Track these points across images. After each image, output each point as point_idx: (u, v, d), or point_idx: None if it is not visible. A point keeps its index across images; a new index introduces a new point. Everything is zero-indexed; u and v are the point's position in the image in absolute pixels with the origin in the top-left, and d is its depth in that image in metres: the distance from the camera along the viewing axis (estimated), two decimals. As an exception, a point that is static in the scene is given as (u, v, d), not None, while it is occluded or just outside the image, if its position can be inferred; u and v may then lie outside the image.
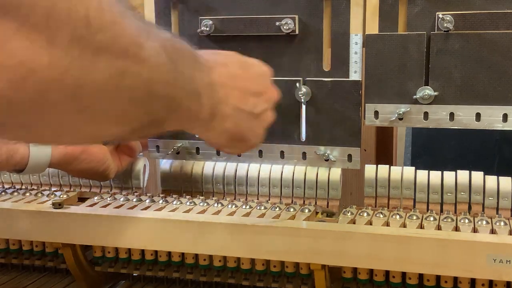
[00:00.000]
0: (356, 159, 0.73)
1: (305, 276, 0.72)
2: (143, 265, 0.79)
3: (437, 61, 0.68)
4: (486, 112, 0.67)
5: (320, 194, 0.76)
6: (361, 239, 0.64)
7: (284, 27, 0.71)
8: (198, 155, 0.80)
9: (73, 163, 0.78)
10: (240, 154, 0.78)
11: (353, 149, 0.74)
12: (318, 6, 0.71)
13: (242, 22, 0.74)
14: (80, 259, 0.78)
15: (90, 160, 0.78)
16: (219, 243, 0.68)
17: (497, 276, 0.61)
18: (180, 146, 0.80)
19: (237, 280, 0.76)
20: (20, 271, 0.88)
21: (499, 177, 0.71)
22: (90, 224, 0.73)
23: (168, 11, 0.76)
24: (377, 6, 0.69)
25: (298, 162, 0.76)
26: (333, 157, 0.74)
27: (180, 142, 0.80)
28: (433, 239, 0.62)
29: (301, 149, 0.75)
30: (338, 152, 0.74)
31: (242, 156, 0.78)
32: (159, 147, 0.82)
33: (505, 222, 0.67)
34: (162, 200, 0.77)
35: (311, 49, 0.72)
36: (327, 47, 0.72)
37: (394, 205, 0.73)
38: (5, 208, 0.76)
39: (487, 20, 0.66)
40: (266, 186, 0.77)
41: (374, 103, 0.71)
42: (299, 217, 0.70)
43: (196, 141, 0.80)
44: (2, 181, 0.89)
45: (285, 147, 0.76)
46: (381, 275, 0.68)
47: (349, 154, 0.74)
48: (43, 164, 0.76)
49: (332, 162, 0.74)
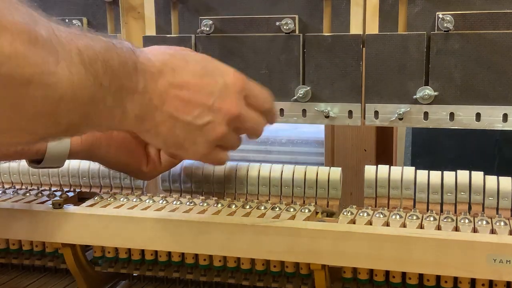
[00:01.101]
0: (357, 115, 0.72)
1: (305, 276, 0.72)
2: (143, 265, 0.79)
3: (437, 61, 0.68)
4: (486, 112, 0.67)
5: (320, 194, 0.76)
6: (361, 239, 0.64)
7: (284, 27, 0.71)
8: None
9: (95, 151, 0.74)
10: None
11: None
12: (318, 6, 0.71)
13: (242, 22, 0.74)
14: (80, 259, 0.78)
15: (114, 149, 0.75)
16: (219, 243, 0.68)
17: (497, 276, 0.61)
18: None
19: (237, 280, 0.76)
20: (20, 271, 0.88)
21: (499, 177, 0.71)
22: (90, 224, 0.73)
23: (168, 11, 0.76)
24: (377, 6, 0.69)
25: (298, 120, 0.74)
26: (333, 113, 0.72)
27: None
28: (433, 239, 0.62)
29: (301, 106, 0.74)
30: (339, 108, 0.73)
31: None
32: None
33: (505, 222, 0.67)
34: (162, 200, 0.77)
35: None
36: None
37: (394, 205, 0.73)
38: (5, 208, 0.76)
39: (487, 20, 0.66)
40: (266, 186, 0.77)
41: (374, 103, 0.71)
42: (299, 217, 0.70)
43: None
44: (2, 181, 0.89)
45: (284, 105, 0.74)
46: (381, 275, 0.68)
47: (350, 110, 0.72)
48: (63, 151, 0.72)
49: (332, 119, 0.73)
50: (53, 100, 0.43)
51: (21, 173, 0.88)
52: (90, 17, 0.78)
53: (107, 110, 0.50)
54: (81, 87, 0.45)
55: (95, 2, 0.78)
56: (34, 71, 0.40)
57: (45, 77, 0.41)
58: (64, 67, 0.43)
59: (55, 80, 0.42)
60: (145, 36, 0.77)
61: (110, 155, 0.75)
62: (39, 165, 0.72)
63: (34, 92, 0.41)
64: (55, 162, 0.73)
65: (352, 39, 0.70)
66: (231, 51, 0.74)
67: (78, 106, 0.46)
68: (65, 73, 0.43)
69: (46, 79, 0.41)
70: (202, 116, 0.58)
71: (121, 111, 0.52)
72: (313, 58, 0.72)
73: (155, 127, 0.56)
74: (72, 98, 0.44)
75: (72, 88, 0.44)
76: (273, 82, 0.73)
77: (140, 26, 0.78)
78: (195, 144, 0.59)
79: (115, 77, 0.49)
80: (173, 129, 0.57)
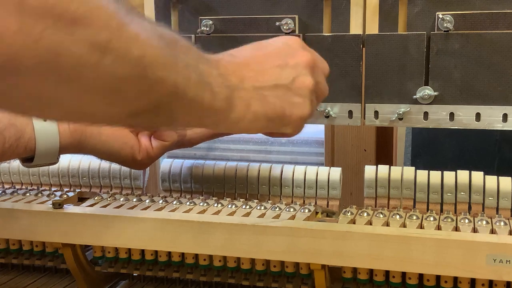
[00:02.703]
0: (357, 115, 0.72)
1: (305, 276, 0.72)
2: (143, 265, 0.79)
3: (437, 61, 0.68)
4: (486, 112, 0.67)
5: (320, 194, 0.76)
6: (361, 239, 0.64)
7: (284, 27, 0.71)
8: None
9: (85, 142, 0.72)
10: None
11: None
12: (318, 6, 0.71)
13: (242, 22, 0.74)
14: (80, 259, 0.78)
15: (105, 138, 0.73)
16: (219, 243, 0.69)
17: (497, 276, 0.61)
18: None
19: (237, 280, 0.76)
20: (20, 271, 0.88)
21: (499, 177, 0.71)
22: (90, 224, 0.73)
23: (168, 11, 0.76)
24: (377, 6, 0.69)
25: None
26: (333, 113, 0.72)
27: (180, 142, 0.80)
28: (433, 239, 0.62)
29: None
30: (338, 108, 0.72)
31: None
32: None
33: (505, 222, 0.67)
34: (162, 200, 0.77)
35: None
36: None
37: (394, 205, 0.73)
38: (5, 208, 0.76)
39: (487, 20, 0.66)
40: (266, 186, 0.77)
41: (374, 103, 0.71)
42: (299, 217, 0.70)
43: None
44: (2, 181, 0.89)
45: None
46: (381, 275, 0.68)
47: (350, 110, 0.72)
48: (53, 145, 0.70)
49: (332, 119, 0.73)
50: (133, 59, 0.39)
51: (21, 173, 0.88)
52: (90, 17, 0.78)
53: (193, 86, 0.46)
54: (161, 53, 0.42)
55: (95, 2, 0.78)
56: (112, 16, 0.37)
57: (123, 26, 0.38)
58: (139, 26, 0.40)
59: (133, 33, 0.39)
60: (145, 36, 0.76)
61: (101, 144, 0.73)
62: (32, 164, 0.70)
63: (114, 42, 0.37)
64: (48, 158, 0.71)
65: (352, 39, 0.70)
66: (231, 51, 0.74)
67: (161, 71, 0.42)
68: (142, 32, 0.40)
69: (125, 29, 0.38)
70: (284, 75, 0.55)
71: (210, 94, 0.48)
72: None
73: (248, 107, 0.52)
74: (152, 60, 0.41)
75: (152, 50, 0.40)
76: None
77: (140, 26, 0.78)
78: (295, 106, 0.56)
79: (191, 58, 0.46)
80: (265, 101, 0.53)
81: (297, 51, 0.58)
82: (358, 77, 0.71)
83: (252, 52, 0.56)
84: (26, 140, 0.68)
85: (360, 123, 0.72)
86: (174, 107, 0.45)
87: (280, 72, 0.55)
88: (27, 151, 0.68)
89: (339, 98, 0.72)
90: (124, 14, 0.38)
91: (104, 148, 0.73)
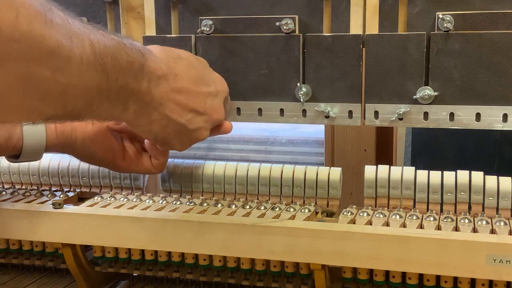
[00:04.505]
0: (357, 115, 0.72)
1: (305, 276, 0.72)
2: (143, 265, 0.79)
3: (437, 61, 0.68)
4: (486, 112, 0.67)
5: (320, 194, 0.76)
6: (361, 239, 0.64)
7: (284, 27, 0.71)
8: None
9: (70, 145, 0.75)
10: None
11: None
12: (318, 6, 0.71)
13: (242, 22, 0.74)
14: (80, 259, 0.78)
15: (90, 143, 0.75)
16: (219, 243, 0.69)
17: (497, 276, 0.61)
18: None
19: (237, 280, 0.76)
20: (20, 271, 0.88)
21: (499, 177, 0.71)
22: (90, 224, 0.73)
23: (168, 11, 0.76)
24: (377, 6, 0.69)
25: (298, 120, 0.74)
26: (333, 113, 0.72)
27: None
28: (433, 239, 0.62)
29: (301, 107, 0.74)
30: (338, 108, 0.72)
31: (241, 115, 0.76)
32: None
33: (505, 222, 0.67)
34: (162, 200, 0.77)
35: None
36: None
37: (394, 205, 0.73)
38: (5, 208, 0.76)
39: (487, 20, 0.66)
40: (266, 186, 0.77)
41: (374, 103, 0.71)
42: (299, 217, 0.70)
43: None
44: (2, 181, 0.89)
45: (284, 105, 0.74)
46: (381, 275, 0.68)
47: (350, 110, 0.72)
48: (40, 145, 0.73)
49: (332, 119, 0.73)
50: (62, 82, 0.44)
51: (21, 173, 0.88)
52: (90, 17, 0.78)
53: (109, 102, 0.53)
54: (89, 76, 0.47)
55: (95, 2, 0.78)
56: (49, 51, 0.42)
57: (58, 59, 0.43)
58: (76, 53, 0.45)
59: (67, 63, 0.44)
60: (145, 36, 0.77)
61: (85, 148, 0.76)
62: (17, 160, 0.74)
63: (47, 72, 0.42)
64: (33, 156, 0.75)
65: (352, 39, 0.70)
66: (231, 51, 0.74)
67: (84, 93, 0.48)
68: (77, 59, 0.45)
69: (59, 61, 0.43)
70: (194, 121, 0.64)
71: (122, 106, 0.55)
72: (313, 58, 0.72)
73: (150, 124, 0.61)
74: (79, 84, 0.46)
75: (81, 74, 0.46)
76: (273, 82, 0.73)
77: (140, 26, 0.78)
78: (181, 143, 0.66)
79: (122, 74, 0.52)
80: (165, 128, 0.62)
81: (219, 106, 0.68)
82: (358, 77, 0.71)
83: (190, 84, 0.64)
84: (15, 141, 0.72)
85: (360, 123, 0.72)
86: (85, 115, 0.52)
87: (194, 119, 0.65)
88: (15, 150, 0.73)
89: (339, 98, 0.72)
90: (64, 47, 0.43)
91: (87, 152, 0.77)
